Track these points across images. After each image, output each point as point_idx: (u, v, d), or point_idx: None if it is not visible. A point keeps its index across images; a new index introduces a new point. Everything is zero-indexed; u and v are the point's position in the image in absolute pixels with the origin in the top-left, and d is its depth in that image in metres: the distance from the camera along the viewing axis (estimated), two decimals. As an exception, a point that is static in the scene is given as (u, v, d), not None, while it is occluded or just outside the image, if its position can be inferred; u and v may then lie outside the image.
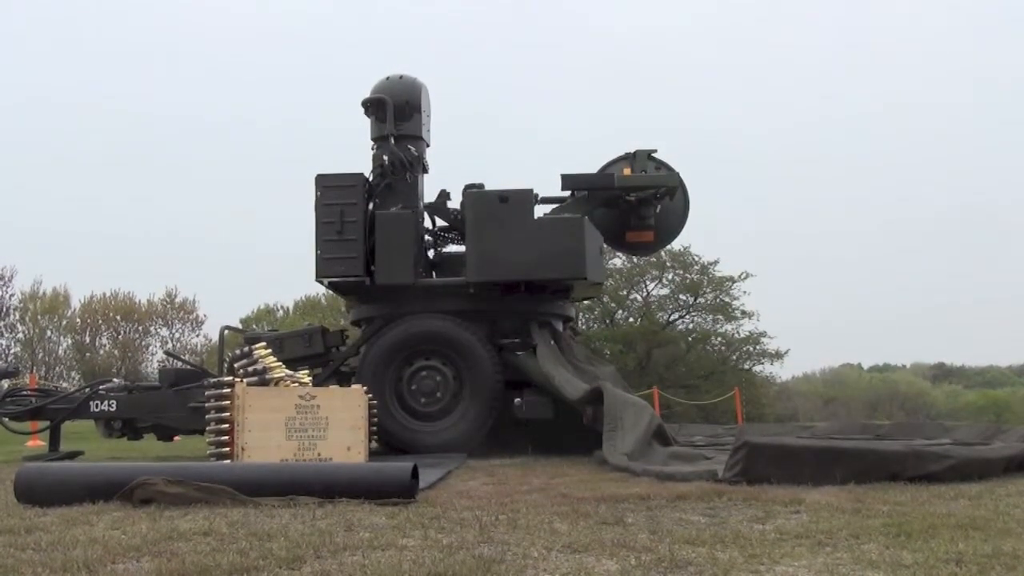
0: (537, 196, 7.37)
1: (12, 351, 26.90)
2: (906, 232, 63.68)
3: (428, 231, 7.86)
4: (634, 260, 22.55)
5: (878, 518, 3.07)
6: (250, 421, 5.30)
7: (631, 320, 24.27)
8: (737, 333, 24.08)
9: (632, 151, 7.87)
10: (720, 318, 24.00)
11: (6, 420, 7.33)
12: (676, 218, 8.07)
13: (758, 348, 23.98)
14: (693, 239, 23.80)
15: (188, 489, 3.65)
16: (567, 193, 7.70)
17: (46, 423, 7.45)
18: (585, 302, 17.55)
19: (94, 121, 53.28)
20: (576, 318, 8.44)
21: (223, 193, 53.31)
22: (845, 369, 39.86)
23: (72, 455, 7.23)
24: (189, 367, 8.53)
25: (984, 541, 2.60)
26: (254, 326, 25.87)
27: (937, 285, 62.68)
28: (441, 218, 7.86)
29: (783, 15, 74.65)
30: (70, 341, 29.17)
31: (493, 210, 7.03)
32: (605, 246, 7.94)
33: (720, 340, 24.38)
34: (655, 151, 7.87)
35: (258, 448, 5.25)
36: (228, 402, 5.34)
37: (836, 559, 2.42)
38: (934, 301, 63.19)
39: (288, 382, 5.65)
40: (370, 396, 5.87)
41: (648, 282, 24.20)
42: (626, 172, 7.73)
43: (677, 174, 7.76)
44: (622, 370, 12.36)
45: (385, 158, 7.45)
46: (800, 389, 32.59)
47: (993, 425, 7.65)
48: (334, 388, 5.92)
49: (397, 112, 7.62)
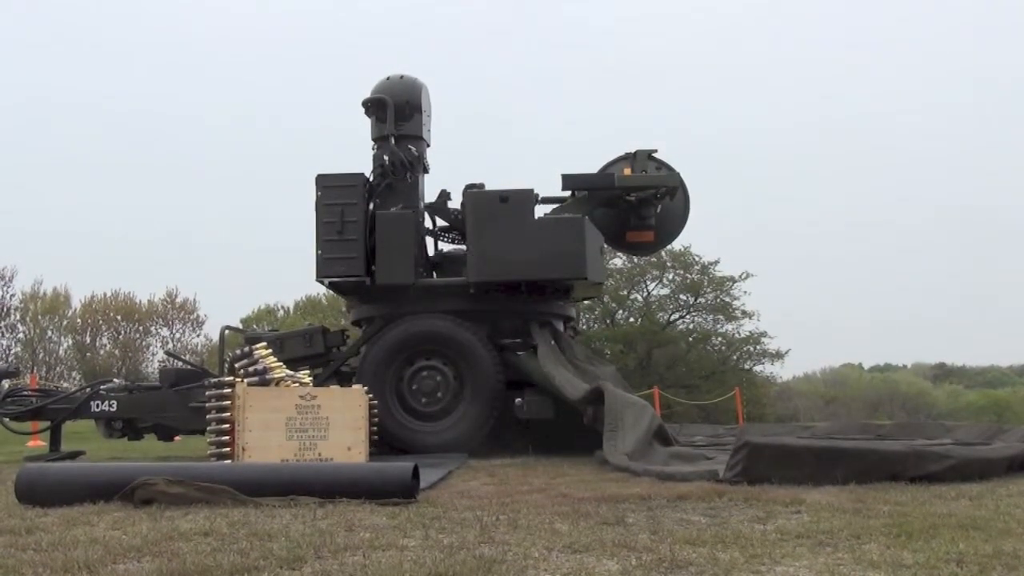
0: (537, 196, 7.37)
1: (13, 351, 26.95)
2: (906, 232, 63.68)
3: (430, 231, 7.87)
4: (634, 260, 22.57)
5: (879, 518, 3.07)
6: (251, 421, 5.30)
7: (632, 320, 24.29)
8: (738, 333, 24.16)
9: (632, 151, 7.86)
10: (721, 318, 24.05)
11: (7, 420, 7.33)
12: (676, 218, 8.07)
13: (759, 348, 24.04)
14: (694, 239, 23.87)
15: (189, 489, 3.65)
16: (567, 193, 7.69)
17: (47, 423, 7.44)
18: (586, 302, 17.52)
19: (94, 121, 53.46)
20: (577, 318, 8.44)
21: (224, 193, 53.40)
22: (846, 369, 39.83)
23: (73, 455, 7.23)
24: (190, 367, 8.52)
25: (985, 541, 2.60)
26: (254, 326, 25.88)
27: (937, 285, 62.68)
28: (442, 218, 7.86)
29: (783, 15, 74.68)
30: (71, 341, 29.20)
31: (494, 210, 7.03)
32: (605, 246, 7.94)
33: (721, 340, 24.43)
34: (655, 151, 7.86)
35: (259, 448, 5.25)
36: (229, 402, 5.34)
37: (837, 559, 2.42)
38: (934, 301, 63.23)
39: (289, 382, 5.65)
40: (371, 396, 5.87)
41: (649, 282, 24.23)
42: (626, 172, 7.73)
43: (677, 174, 7.76)
44: (623, 370, 12.35)
45: (385, 158, 7.45)
46: (801, 389, 32.58)
47: (994, 425, 7.65)
48: (335, 388, 5.91)
49: (397, 112, 7.63)
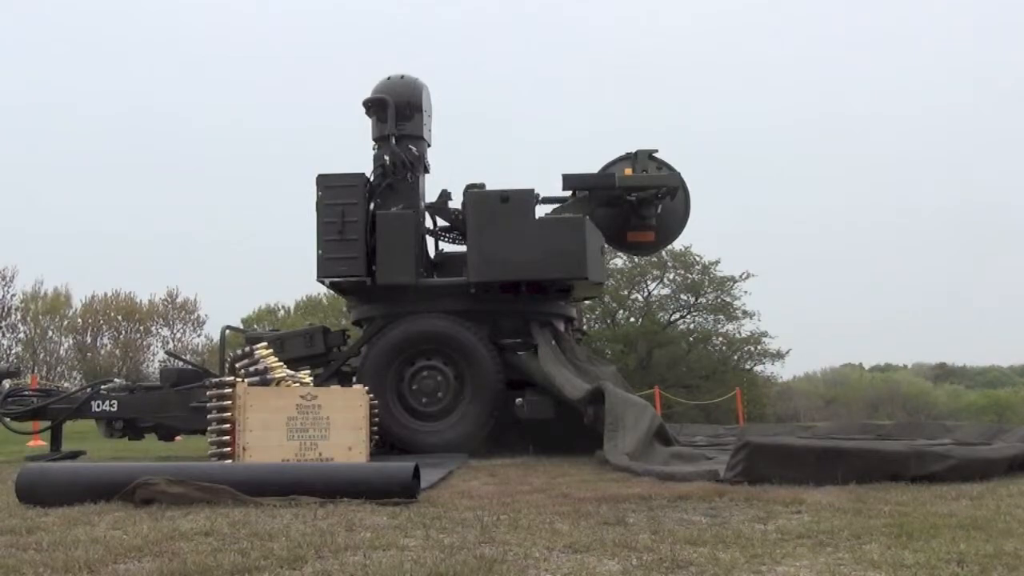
0: (538, 196, 7.37)
1: (13, 351, 26.95)
2: (906, 232, 63.63)
3: (431, 231, 7.87)
4: (635, 260, 22.58)
5: (879, 518, 3.07)
6: (251, 421, 5.30)
7: (632, 320, 24.29)
8: (738, 333, 24.16)
9: (633, 151, 7.86)
10: (721, 318, 24.05)
11: (8, 420, 7.33)
12: (677, 218, 8.07)
13: (759, 348, 24.04)
14: (694, 239, 23.89)
15: (189, 489, 3.65)
16: (568, 193, 7.70)
17: (47, 423, 7.45)
18: (586, 302, 17.53)
19: (94, 121, 53.42)
20: (580, 318, 8.44)
21: (224, 193, 53.39)
22: (846, 369, 39.80)
23: (74, 455, 7.23)
24: (190, 367, 8.52)
25: (986, 541, 2.60)
26: (255, 326, 25.88)
27: (937, 285, 62.61)
28: (442, 218, 7.86)
29: (783, 15, 74.65)
30: (71, 341, 29.22)
31: (494, 210, 7.03)
32: (606, 246, 7.94)
33: (721, 340, 24.43)
34: (656, 151, 7.86)
35: (259, 448, 5.25)
36: (229, 402, 5.34)
37: (838, 559, 2.42)
38: (935, 301, 63.08)
39: (289, 382, 5.65)
40: (371, 396, 5.87)
41: (649, 282, 24.24)
42: (627, 172, 7.72)
43: (678, 174, 7.76)
44: (623, 370, 12.36)
45: (386, 158, 7.46)
46: (801, 389, 32.59)
47: (995, 425, 7.66)
48: (335, 388, 5.92)
49: (398, 112, 7.63)
